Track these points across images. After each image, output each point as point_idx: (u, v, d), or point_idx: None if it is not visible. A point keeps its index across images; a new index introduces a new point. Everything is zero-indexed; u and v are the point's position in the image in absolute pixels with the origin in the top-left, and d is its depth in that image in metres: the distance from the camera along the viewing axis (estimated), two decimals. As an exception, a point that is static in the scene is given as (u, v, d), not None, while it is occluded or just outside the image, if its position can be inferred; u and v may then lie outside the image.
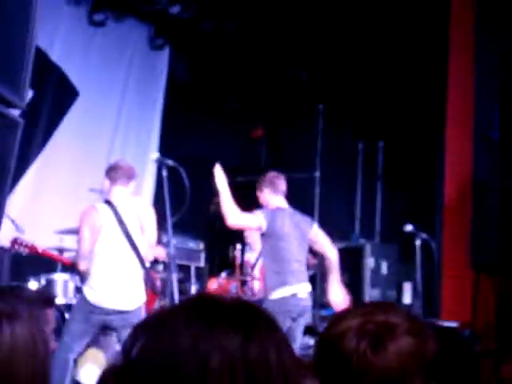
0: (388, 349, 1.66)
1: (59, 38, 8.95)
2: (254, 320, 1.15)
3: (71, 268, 6.56)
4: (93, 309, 5.58)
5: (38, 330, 1.68)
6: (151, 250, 5.88)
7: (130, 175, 5.86)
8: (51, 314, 3.29)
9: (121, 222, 5.67)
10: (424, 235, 6.81)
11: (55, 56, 8.88)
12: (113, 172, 5.83)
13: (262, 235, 6.24)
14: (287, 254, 6.10)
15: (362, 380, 1.64)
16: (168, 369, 1.07)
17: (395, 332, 1.68)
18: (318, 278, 8.03)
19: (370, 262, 8.54)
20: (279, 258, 6.09)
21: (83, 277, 5.85)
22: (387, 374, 1.64)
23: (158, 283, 6.43)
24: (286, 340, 1.18)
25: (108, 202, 5.76)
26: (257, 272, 8.10)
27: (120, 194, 5.79)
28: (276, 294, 5.99)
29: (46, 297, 3.40)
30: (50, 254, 6.73)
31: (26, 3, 3.83)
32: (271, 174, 6.52)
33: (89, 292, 5.65)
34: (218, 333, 1.10)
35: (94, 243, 5.63)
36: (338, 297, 6.17)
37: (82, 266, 5.71)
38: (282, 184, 6.42)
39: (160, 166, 5.70)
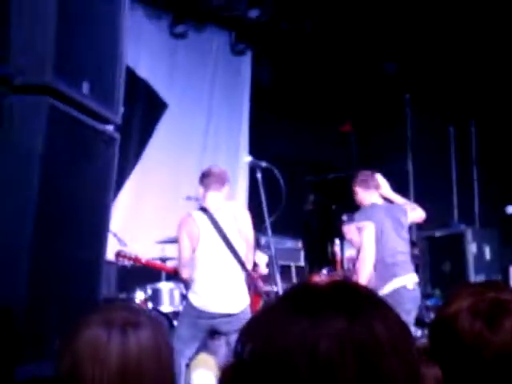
0: (504, 325, 1.66)
1: (144, 54, 9.17)
2: (356, 300, 1.14)
3: (175, 276, 6.71)
4: (199, 313, 5.68)
5: (162, 336, 1.73)
6: (251, 251, 5.94)
7: (222, 180, 5.92)
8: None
9: (218, 228, 5.74)
10: (526, 216, 6.66)
11: (142, 71, 9.10)
12: (205, 178, 5.92)
13: None
14: (390, 247, 6.14)
15: (480, 357, 1.64)
16: (280, 366, 1.08)
17: (508, 308, 1.68)
18: (420, 269, 7.95)
19: (472, 247, 8.39)
20: (384, 252, 6.12)
21: (187, 284, 5.96)
22: (506, 350, 1.64)
23: (261, 284, 6.49)
24: (396, 316, 1.16)
25: (203, 209, 5.85)
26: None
27: (214, 199, 5.87)
28: (387, 288, 6.01)
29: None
30: (154, 263, 6.89)
31: (116, 23, 3.97)
32: (362, 173, 6.61)
33: (193, 297, 5.76)
34: (322, 319, 1.09)
35: (194, 250, 5.73)
36: None
37: (184, 274, 5.83)
38: (374, 180, 6.48)
39: (253, 168, 5.76)
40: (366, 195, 6.52)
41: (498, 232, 8.59)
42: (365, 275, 6.12)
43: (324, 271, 8.27)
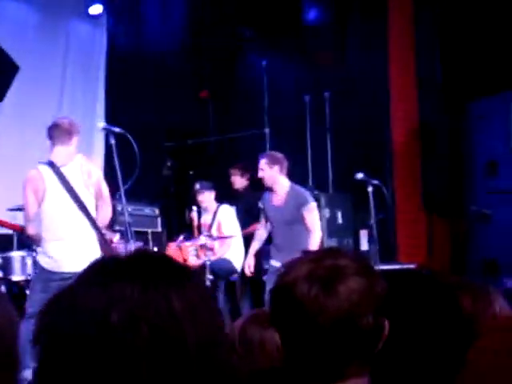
0: (338, 290, 1.70)
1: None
2: (155, 270, 1.13)
3: (27, 243, 6.54)
4: (51, 275, 5.49)
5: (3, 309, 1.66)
6: (107, 208, 5.74)
7: (70, 132, 5.68)
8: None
9: (65, 183, 5.54)
10: (375, 182, 6.90)
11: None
12: (52, 131, 5.68)
13: None
14: None
15: (316, 323, 1.68)
16: (73, 338, 1.07)
17: (344, 273, 1.72)
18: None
19: (325, 212, 8.62)
20: None
21: (34, 241, 5.78)
22: (339, 315, 1.68)
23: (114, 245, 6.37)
24: (197, 286, 1.17)
25: (50, 163, 5.62)
26: (214, 232, 8.14)
27: (62, 153, 5.64)
28: None
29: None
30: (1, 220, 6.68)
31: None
32: (278, 154, 7.36)
33: (43, 259, 5.59)
34: (115, 288, 1.09)
35: (40, 206, 5.54)
36: None
37: (30, 230, 5.62)
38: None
39: (107, 134, 5.65)
40: (281, 177, 7.10)
41: (351, 197, 8.87)
42: None
43: (181, 237, 8.28)
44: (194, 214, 8.42)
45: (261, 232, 7.42)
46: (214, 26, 10.56)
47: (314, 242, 6.97)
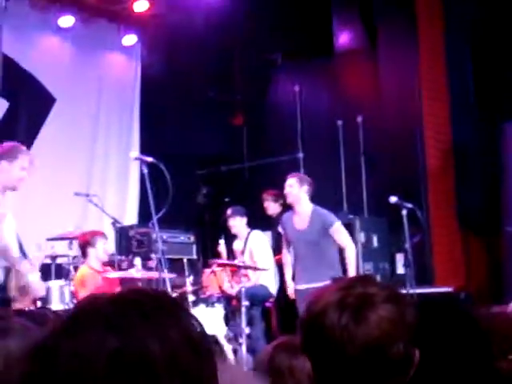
0: (369, 318, 1.71)
1: (29, 46, 8.98)
2: (132, 315, 1.07)
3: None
4: None
5: None
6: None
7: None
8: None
9: None
10: (409, 205, 6.87)
11: (27, 64, 8.90)
12: None
13: None
14: None
15: (346, 351, 1.69)
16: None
17: (374, 301, 1.73)
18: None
19: (360, 236, 8.60)
20: None
21: None
22: (369, 343, 1.69)
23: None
24: (182, 326, 1.09)
25: None
26: (246, 258, 8.14)
27: None
28: None
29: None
30: None
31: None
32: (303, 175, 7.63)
33: None
34: (92, 336, 1.04)
35: None
36: None
37: None
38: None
39: (141, 163, 5.72)
40: (306, 198, 7.16)
41: (385, 221, 8.84)
42: None
43: (215, 264, 8.27)
44: (222, 248, 8.43)
45: (287, 256, 7.46)
46: (246, 52, 10.66)
47: (351, 255, 7.07)
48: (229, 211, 8.44)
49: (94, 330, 1.04)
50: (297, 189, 7.16)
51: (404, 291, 6.72)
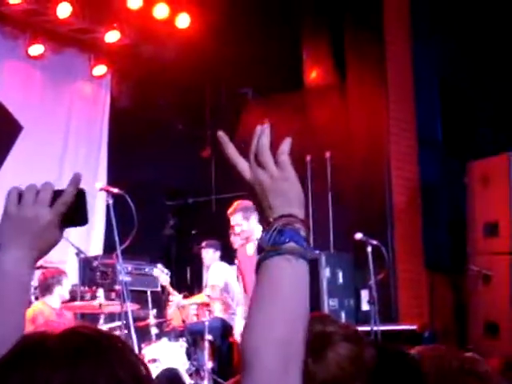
0: (327, 356, 1.70)
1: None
2: (80, 352, 1.07)
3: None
4: None
5: None
6: None
7: None
8: None
9: None
10: (374, 242, 6.89)
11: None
12: None
13: None
14: None
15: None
16: None
17: (333, 340, 1.72)
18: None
19: (326, 272, 8.60)
20: None
21: None
22: (329, 381, 1.68)
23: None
24: (135, 366, 1.10)
25: None
26: (208, 290, 8.09)
27: None
28: None
29: None
30: None
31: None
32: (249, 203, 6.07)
33: None
34: (39, 374, 1.04)
35: None
36: None
37: None
38: None
39: (107, 194, 5.69)
40: (258, 226, 6.23)
41: (351, 257, 8.85)
42: None
43: (181, 296, 8.23)
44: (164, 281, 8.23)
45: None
46: (217, 86, 10.71)
47: None
48: (203, 243, 8.50)
49: (43, 366, 1.04)
50: (246, 224, 6.63)
51: (368, 328, 6.72)
